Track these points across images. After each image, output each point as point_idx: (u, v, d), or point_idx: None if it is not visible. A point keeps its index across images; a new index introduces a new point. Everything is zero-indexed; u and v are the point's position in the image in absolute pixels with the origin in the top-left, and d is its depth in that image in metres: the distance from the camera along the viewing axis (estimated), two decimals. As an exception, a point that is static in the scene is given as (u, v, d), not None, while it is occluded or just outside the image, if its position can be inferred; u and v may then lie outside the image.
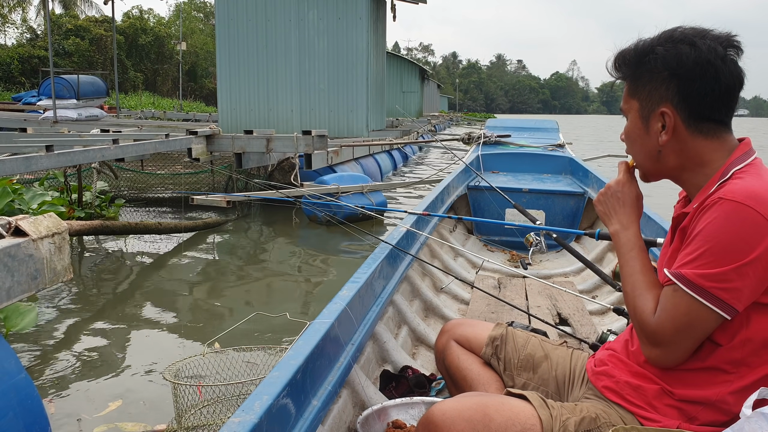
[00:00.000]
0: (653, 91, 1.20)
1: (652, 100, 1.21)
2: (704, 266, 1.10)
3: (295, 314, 3.55)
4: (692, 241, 1.13)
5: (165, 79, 35.18)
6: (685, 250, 1.15)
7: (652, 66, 1.20)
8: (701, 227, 1.12)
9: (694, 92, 1.17)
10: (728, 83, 1.16)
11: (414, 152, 16.62)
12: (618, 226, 1.33)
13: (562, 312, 3.00)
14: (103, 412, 2.81)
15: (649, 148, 1.25)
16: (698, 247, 1.11)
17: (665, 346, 1.16)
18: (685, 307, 1.12)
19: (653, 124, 1.22)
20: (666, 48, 1.18)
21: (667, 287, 1.16)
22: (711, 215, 1.11)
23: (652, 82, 1.20)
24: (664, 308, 1.15)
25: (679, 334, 1.14)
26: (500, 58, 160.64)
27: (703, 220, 1.12)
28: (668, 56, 1.17)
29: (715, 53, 1.15)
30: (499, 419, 1.20)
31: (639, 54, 1.22)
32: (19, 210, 5.44)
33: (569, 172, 5.62)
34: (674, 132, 1.20)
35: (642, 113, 1.24)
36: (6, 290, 1.51)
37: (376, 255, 2.41)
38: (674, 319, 1.13)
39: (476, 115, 58.92)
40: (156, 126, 11.98)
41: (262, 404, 1.23)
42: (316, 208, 5.49)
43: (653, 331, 1.17)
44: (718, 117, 1.19)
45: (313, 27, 12.10)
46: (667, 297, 1.16)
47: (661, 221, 3.10)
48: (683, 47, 1.16)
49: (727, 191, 1.11)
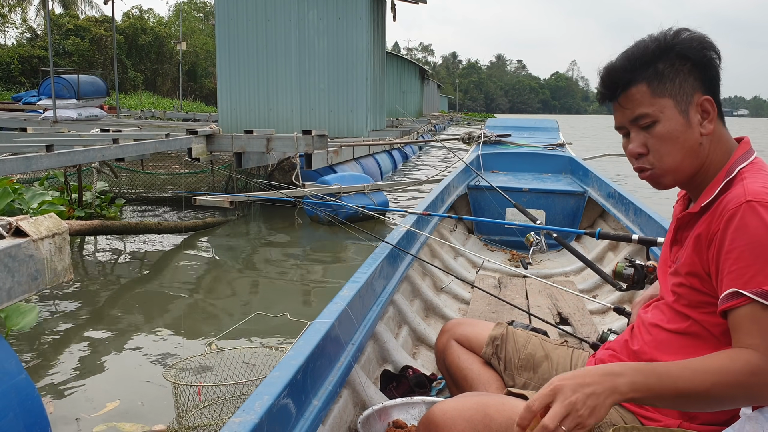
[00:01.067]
0: (683, 83, 1.18)
1: (685, 93, 1.18)
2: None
3: (295, 314, 3.55)
4: (743, 253, 1.07)
5: (165, 79, 35.17)
6: (737, 264, 1.08)
7: (674, 60, 1.18)
8: (748, 238, 1.07)
9: (714, 76, 1.19)
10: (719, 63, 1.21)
11: (414, 152, 16.62)
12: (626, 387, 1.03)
13: (563, 311, 3.00)
14: (101, 412, 2.81)
15: (692, 143, 1.19)
16: (756, 258, 1.06)
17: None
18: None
19: (693, 116, 1.19)
20: (681, 40, 1.18)
21: (747, 308, 1.06)
22: (751, 221, 1.07)
23: (678, 76, 1.18)
24: (757, 331, 1.04)
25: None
26: (500, 58, 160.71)
27: (743, 229, 1.08)
28: (692, 42, 1.18)
29: (702, 36, 1.19)
30: (499, 419, 1.20)
31: (654, 53, 1.18)
32: (19, 210, 5.44)
33: (569, 172, 5.62)
34: (715, 119, 1.21)
35: (680, 108, 1.19)
36: (6, 291, 1.51)
37: (376, 255, 2.41)
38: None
39: (476, 115, 58.90)
40: (156, 126, 11.98)
41: (263, 404, 1.23)
42: (317, 208, 5.49)
43: (764, 361, 1.03)
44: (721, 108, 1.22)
45: (313, 27, 12.10)
46: (753, 318, 1.05)
47: (662, 220, 3.10)
48: (686, 35, 1.18)
49: (752, 193, 1.09)
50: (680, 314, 1.22)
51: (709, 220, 1.15)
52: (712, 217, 1.14)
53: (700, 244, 1.16)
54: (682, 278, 1.21)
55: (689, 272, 1.19)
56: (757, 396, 1.05)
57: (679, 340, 1.22)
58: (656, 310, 1.31)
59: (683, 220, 1.25)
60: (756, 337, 1.04)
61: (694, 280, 1.19)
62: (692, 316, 1.20)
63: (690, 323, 1.20)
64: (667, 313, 1.26)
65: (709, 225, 1.15)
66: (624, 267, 2.02)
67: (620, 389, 1.02)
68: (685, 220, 1.25)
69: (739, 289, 1.06)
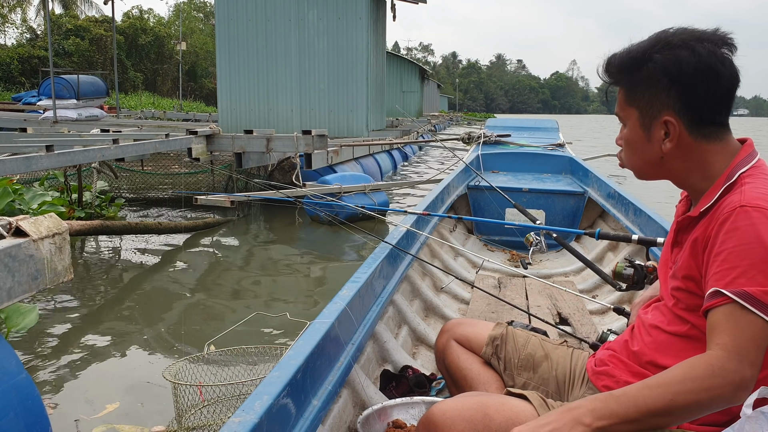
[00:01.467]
0: (653, 99, 1.17)
1: (653, 109, 1.18)
2: (760, 283, 1.04)
3: (295, 314, 3.56)
4: (730, 255, 1.07)
5: (165, 79, 35.17)
6: (723, 265, 1.08)
7: (650, 74, 1.16)
8: (736, 240, 1.07)
9: (697, 98, 1.14)
10: (728, 85, 1.14)
11: (414, 152, 16.62)
12: (588, 417, 1.03)
13: (563, 311, 3.00)
14: (101, 414, 2.80)
15: (651, 156, 1.22)
16: (741, 260, 1.06)
17: (755, 367, 1.03)
18: (759, 323, 1.03)
19: (656, 132, 1.19)
20: (665, 55, 1.15)
21: (726, 307, 1.06)
22: (741, 224, 1.07)
23: (651, 90, 1.17)
24: (729, 330, 1.04)
25: (760, 351, 1.05)
26: (500, 57, 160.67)
27: (734, 232, 1.08)
28: (668, 63, 1.14)
29: (715, 57, 1.12)
30: (499, 419, 1.20)
31: (635, 61, 1.18)
32: (20, 210, 5.44)
33: (569, 172, 5.62)
34: (678, 139, 1.17)
35: (643, 122, 1.20)
36: (7, 291, 1.51)
37: (376, 255, 2.41)
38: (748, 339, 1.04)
39: (476, 115, 58.92)
40: (156, 126, 11.98)
41: (263, 404, 1.23)
42: (318, 208, 5.49)
43: (727, 360, 1.03)
44: (719, 119, 1.17)
45: (313, 27, 12.10)
46: (729, 317, 1.05)
47: (662, 221, 3.10)
48: (682, 53, 1.13)
49: (747, 198, 1.09)
50: (679, 318, 1.23)
51: (706, 225, 1.15)
52: (710, 221, 1.15)
53: (697, 248, 1.17)
54: (679, 282, 1.22)
55: (686, 276, 1.20)
56: (723, 398, 1.03)
57: (679, 343, 1.22)
58: (656, 311, 1.31)
59: (683, 223, 1.26)
60: (727, 336, 1.04)
61: (690, 284, 1.19)
62: (690, 320, 1.20)
63: (689, 327, 1.20)
64: (667, 315, 1.26)
65: (705, 229, 1.15)
66: (624, 267, 2.02)
67: (582, 420, 1.02)
68: (684, 223, 1.25)
69: (720, 288, 1.07)
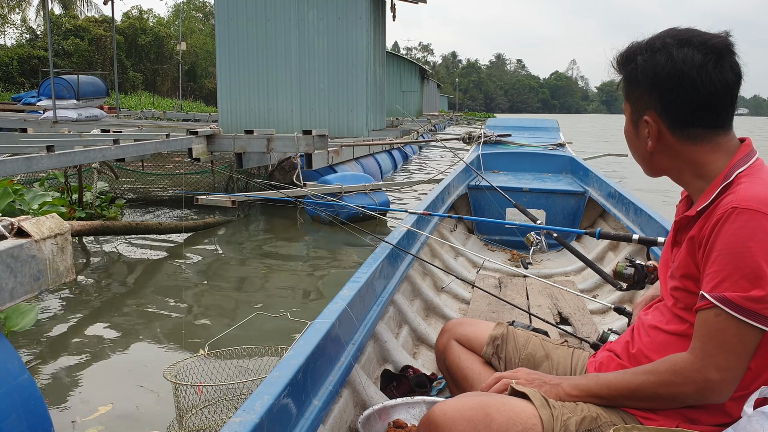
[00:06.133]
0: (640, 98, 1.22)
1: (639, 107, 1.22)
2: (743, 288, 1.06)
3: (295, 314, 3.56)
4: (718, 258, 1.09)
5: (165, 79, 35.17)
6: (711, 268, 1.10)
7: (635, 75, 1.21)
8: (724, 242, 1.09)
9: (673, 102, 1.16)
10: (710, 90, 1.13)
11: (414, 152, 16.62)
12: (568, 386, 1.28)
13: (563, 311, 3.00)
14: (94, 415, 2.79)
15: (642, 151, 1.27)
16: (727, 264, 1.08)
17: (724, 371, 1.09)
18: (734, 329, 1.07)
19: (641, 129, 1.23)
20: (645, 58, 1.18)
21: (705, 311, 1.11)
22: (731, 227, 1.08)
23: (638, 89, 1.21)
24: (701, 334, 1.11)
25: (733, 356, 1.09)
26: (500, 57, 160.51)
27: (723, 234, 1.09)
28: (645, 68, 1.18)
29: (691, 63, 1.13)
30: (500, 419, 1.20)
31: (625, 60, 1.23)
32: (20, 210, 5.44)
33: (569, 172, 5.62)
34: (660, 139, 1.21)
35: (632, 118, 1.25)
36: (9, 291, 1.52)
37: (376, 255, 2.41)
38: (717, 344, 1.09)
39: (476, 115, 58.89)
40: (156, 126, 11.98)
41: (263, 404, 1.24)
42: (318, 208, 5.49)
43: (690, 362, 1.11)
44: (704, 123, 1.17)
45: (313, 27, 12.10)
46: (705, 322, 1.11)
47: (662, 220, 3.10)
48: (660, 58, 1.16)
49: (740, 199, 1.09)
50: (678, 317, 1.23)
51: (702, 224, 1.16)
52: (705, 221, 1.15)
53: (693, 247, 1.18)
54: (677, 281, 1.22)
55: (684, 275, 1.20)
56: (685, 395, 1.14)
57: (678, 342, 1.22)
58: (656, 311, 1.32)
59: (681, 222, 1.26)
60: (697, 340, 1.12)
61: (688, 283, 1.19)
62: (689, 320, 1.20)
63: (688, 326, 1.21)
64: (666, 315, 1.27)
65: (701, 229, 1.16)
66: (624, 267, 2.02)
67: (563, 386, 1.28)
68: (683, 223, 1.26)
69: (705, 292, 1.11)
